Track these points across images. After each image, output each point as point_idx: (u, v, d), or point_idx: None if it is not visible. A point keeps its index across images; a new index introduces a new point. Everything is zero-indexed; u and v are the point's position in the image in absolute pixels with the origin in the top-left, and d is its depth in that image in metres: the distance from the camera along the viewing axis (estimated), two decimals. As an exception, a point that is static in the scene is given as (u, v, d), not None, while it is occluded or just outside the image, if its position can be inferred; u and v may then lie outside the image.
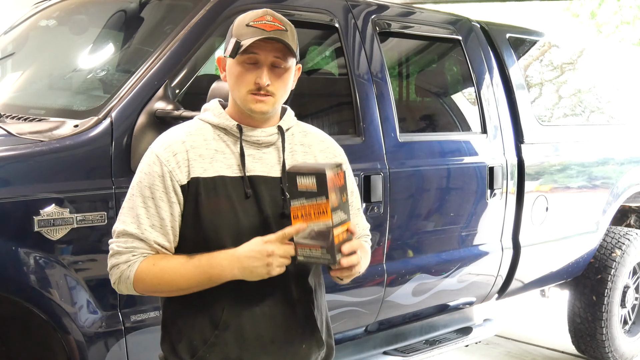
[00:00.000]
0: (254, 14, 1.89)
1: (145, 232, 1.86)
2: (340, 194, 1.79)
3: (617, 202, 4.74)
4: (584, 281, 4.68)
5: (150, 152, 1.91)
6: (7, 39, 3.64)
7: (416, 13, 3.91)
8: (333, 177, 1.75)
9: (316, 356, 2.00)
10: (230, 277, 1.81)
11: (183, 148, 1.88)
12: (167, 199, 1.86)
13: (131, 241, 1.86)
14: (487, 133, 3.88)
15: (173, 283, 1.85)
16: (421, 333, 3.87)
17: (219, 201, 1.86)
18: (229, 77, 1.92)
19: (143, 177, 1.89)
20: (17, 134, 2.49)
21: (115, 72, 3.05)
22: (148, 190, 1.87)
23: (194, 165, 1.87)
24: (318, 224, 1.76)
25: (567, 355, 5.06)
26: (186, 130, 1.93)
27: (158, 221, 1.86)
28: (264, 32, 1.84)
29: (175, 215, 1.87)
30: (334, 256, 1.76)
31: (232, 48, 1.85)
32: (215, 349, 1.87)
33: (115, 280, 1.90)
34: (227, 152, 1.91)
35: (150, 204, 1.86)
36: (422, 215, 3.61)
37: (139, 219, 1.86)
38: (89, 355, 2.45)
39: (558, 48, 4.81)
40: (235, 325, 1.88)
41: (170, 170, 1.86)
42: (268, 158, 1.94)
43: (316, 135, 2.07)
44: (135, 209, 1.87)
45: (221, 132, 1.93)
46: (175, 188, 1.86)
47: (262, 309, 1.89)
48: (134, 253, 1.86)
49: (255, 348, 1.89)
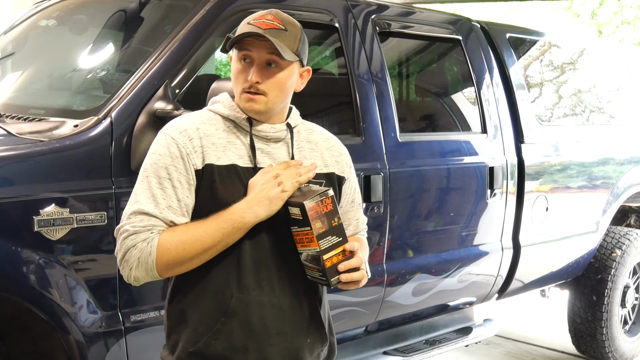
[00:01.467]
0: (258, 13, 1.91)
1: (164, 212, 1.82)
2: (329, 219, 1.82)
3: (617, 202, 4.74)
4: (584, 281, 4.68)
5: (164, 135, 1.89)
6: (7, 39, 3.64)
7: (416, 13, 3.91)
8: (315, 206, 1.80)
9: (318, 352, 2.00)
10: (253, 218, 1.82)
11: (197, 135, 1.88)
12: (185, 180, 1.85)
13: (147, 219, 1.82)
14: (487, 133, 3.88)
15: (198, 243, 1.80)
16: (421, 333, 3.87)
17: (235, 188, 1.87)
18: (231, 75, 1.94)
19: (158, 158, 1.86)
20: (17, 134, 2.49)
21: (115, 72, 3.05)
22: (164, 171, 1.84)
23: (208, 153, 1.87)
24: (309, 249, 1.83)
25: (567, 355, 5.06)
26: (198, 118, 1.94)
27: (175, 202, 1.84)
28: (259, 29, 1.85)
29: (192, 197, 1.86)
30: (328, 280, 1.83)
31: (223, 43, 1.89)
32: (221, 337, 1.87)
33: (133, 264, 1.81)
34: (237, 143, 1.92)
35: (167, 185, 1.84)
36: (422, 215, 3.61)
37: (156, 199, 1.83)
38: (89, 355, 2.45)
39: (558, 48, 4.81)
40: (242, 314, 1.87)
41: (187, 152, 1.85)
42: (277, 153, 1.95)
43: (321, 134, 2.09)
44: (151, 189, 1.83)
45: (231, 124, 1.94)
46: (192, 171, 1.86)
47: (271, 300, 1.89)
48: (152, 231, 1.81)
49: (260, 338, 1.89)
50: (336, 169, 2.05)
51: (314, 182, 1.96)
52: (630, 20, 16.45)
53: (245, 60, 1.88)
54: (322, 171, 2.01)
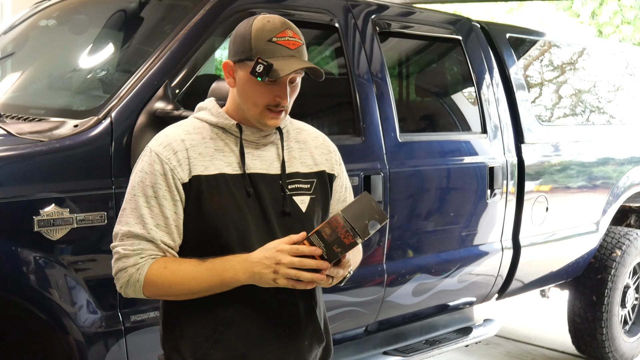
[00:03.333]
0: (273, 27, 1.84)
1: (152, 232, 1.84)
2: (338, 242, 1.76)
3: (617, 202, 4.74)
4: (584, 281, 4.68)
5: (149, 151, 1.88)
6: (7, 39, 3.64)
7: (416, 13, 3.91)
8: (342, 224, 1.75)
9: (316, 352, 2.01)
10: (242, 281, 1.80)
11: (183, 146, 1.87)
12: (170, 197, 1.85)
13: (137, 242, 1.84)
14: (487, 133, 3.88)
15: (184, 286, 1.82)
16: (421, 333, 3.87)
17: (222, 199, 1.86)
18: (242, 87, 1.88)
19: (144, 176, 1.86)
20: (17, 134, 2.49)
21: (115, 72, 3.04)
22: (150, 189, 1.85)
23: (195, 164, 1.86)
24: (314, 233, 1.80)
25: (567, 355, 5.06)
26: (184, 129, 1.92)
27: (162, 220, 1.85)
28: (290, 51, 1.83)
29: (179, 213, 1.86)
30: None
31: (262, 70, 1.79)
32: (219, 346, 1.87)
33: (123, 284, 1.86)
34: (226, 151, 1.90)
35: (153, 204, 1.84)
36: (422, 215, 3.61)
37: (144, 219, 1.84)
38: (89, 355, 2.45)
39: (558, 48, 4.81)
40: (239, 322, 1.88)
41: (171, 168, 1.85)
42: (267, 155, 1.94)
43: (310, 132, 2.07)
44: (138, 209, 1.85)
45: (219, 131, 1.92)
46: (178, 186, 1.85)
47: (266, 305, 1.89)
48: (142, 255, 1.83)
49: (259, 345, 1.89)
50: (326, 166, 2.03)
51: (305, 181, 1.96)
52: (631, 20, 16.46)
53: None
54: (312, 170, 2.00)
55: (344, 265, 1.84)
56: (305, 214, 1.95)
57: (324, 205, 2.01)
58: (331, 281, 1.84)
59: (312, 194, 1.97)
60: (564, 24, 15.99)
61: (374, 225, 1.76)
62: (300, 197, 1.95)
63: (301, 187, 1.96)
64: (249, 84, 1.86)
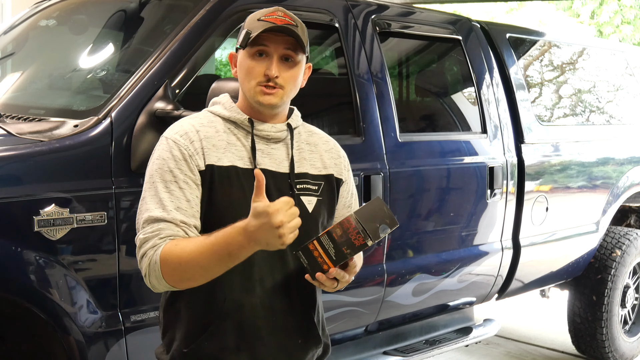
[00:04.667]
0: (266, 10, 1.92)
1: (172, 213, 1.81)
2: (347, 243, 1.78)
3: (617, 202, 4.74)
4: (584, 281, 4.68)
5: (165, 140, 1.90)
6: (7, 39, 3.64)
7: (416, 13, 3.91)
8: (354, 226, 1.78)
9: (313, 353, 2.01)
10: (251, 251, 1.75)
11: (198, 137, 1.89)
12: (191, 180, 1.85)
13: (156, 225, 1.81)
14: (487, 133, 3.88)
15: (194, 262, 1.76)
16: (421, 333, 3.87)
17: (232, 190, 1.87)
18: (239, 70, 1.93)
19: (162, 162, 1.86)
20: (17, 134, 2.49)
21: (115, 72, 3.05)
22: (169, 174, 1.84)
23: (209, 154, 1.88)
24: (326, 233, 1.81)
25: (567, 355, 5.06)
26: (198, 121, 1.95)
27: (185, 203, 1.83)
28: (274, 25, 1.86)
29: (199, 197, 1.86)
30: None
31: (242, 38, 1.88)
32: (214, 338, 1.88)
33: (146, 272, 1.81)
34: (238, 145, 1.92)
35: (173, 188, 1.84)
36: (422, 215, 3.61)
37: (163, 202, 1.82)
38: (89, 355, 2.45)
39: (558, 48, 4.81)
40: (234, 316, 1.89)
41: (190, 154, 1.86)
42: (277, 154, 1.96)
43: (321, 136, 2.10)
44: (157, 194, 1.83)
45: (232, 126, 1.94)
46: (195, 172, 1.86)
47: (263, 300, 1.90)
48: (161, 235, 1.80)
49: (252, 338, 1.90)
50: (335, 171, 2.05)
51: (313, 183, 1.97)
52: (630, 20, 16.47)
53: (260, 56, 1.89)
54: (321, 172, 2.01)
55: (350, 270, 1.85)
56: (311, 214, 1.96)
57: (330, 209, 2.02)
58: (336, 284, 1.85)
59: (319, 196, 1.98)
60: (564, 24, 16.00)
61: (385, 229, 1.78)
62: (308, 198, 1.96)
63: (309, 187, 1.97)
64: (243, 64, 1.91)
